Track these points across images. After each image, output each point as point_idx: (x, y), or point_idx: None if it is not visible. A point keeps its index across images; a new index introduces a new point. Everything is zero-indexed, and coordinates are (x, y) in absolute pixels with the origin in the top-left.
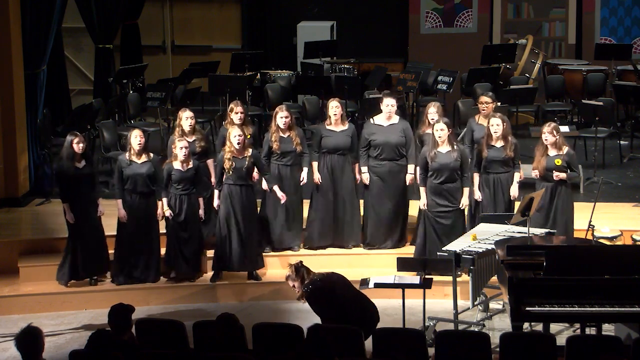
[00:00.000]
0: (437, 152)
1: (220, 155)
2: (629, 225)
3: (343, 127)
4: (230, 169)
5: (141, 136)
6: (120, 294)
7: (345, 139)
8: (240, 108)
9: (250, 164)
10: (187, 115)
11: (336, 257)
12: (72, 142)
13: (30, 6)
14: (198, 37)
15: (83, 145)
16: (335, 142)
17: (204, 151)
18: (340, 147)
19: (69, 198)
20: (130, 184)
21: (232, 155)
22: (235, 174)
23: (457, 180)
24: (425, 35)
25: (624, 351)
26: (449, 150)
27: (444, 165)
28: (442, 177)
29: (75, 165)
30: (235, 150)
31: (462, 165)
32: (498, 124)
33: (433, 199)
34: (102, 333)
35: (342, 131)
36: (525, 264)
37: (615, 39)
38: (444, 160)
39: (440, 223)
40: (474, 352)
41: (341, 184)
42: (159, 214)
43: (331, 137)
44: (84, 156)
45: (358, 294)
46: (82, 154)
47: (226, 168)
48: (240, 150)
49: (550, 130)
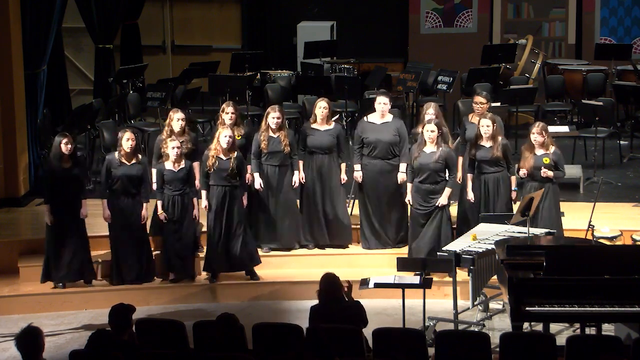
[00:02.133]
0: (421, 151)
1: (205, 154)
2: (629, 225)
3: (328, 126)
4: (213, 167)
5: (132, 139)
6: (120, 294)
7: (329, 138)
8: (232, 108)
9: (235, 165)
10: (178, 116)
11: (336, 257)
12: (60, 142)
13: (30, 6)
14: (198, 37)
15: (71, 147)
16: (319, 141)
17: (191, 153)
18: (323, 146)
19: (51, 199)
20: (119, 185)
21: (217, 154)
22: (217, 174)
23: (440, 182)
24: (425, 35)
25: (624, 351)
26: (433, 151)
27: (424, 165)
28: (422, 176)
29: (63, 166)
30: (221, 150)
31: (448, 168)
32: (488, 124)
33: (416, 197)
34: (102, 333)
35: (326, 130)
36: (525, 264)
37: (615, 39)
38: (425, 161)
39: (422, 221)
40: (474, 352)
41: (328, 183)
42: (143, 216)
43: (314, 136)
44: (72, 157)
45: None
46: (70, 155)
47: (208, 165)
48: (226, 151)
49: (540, 131)
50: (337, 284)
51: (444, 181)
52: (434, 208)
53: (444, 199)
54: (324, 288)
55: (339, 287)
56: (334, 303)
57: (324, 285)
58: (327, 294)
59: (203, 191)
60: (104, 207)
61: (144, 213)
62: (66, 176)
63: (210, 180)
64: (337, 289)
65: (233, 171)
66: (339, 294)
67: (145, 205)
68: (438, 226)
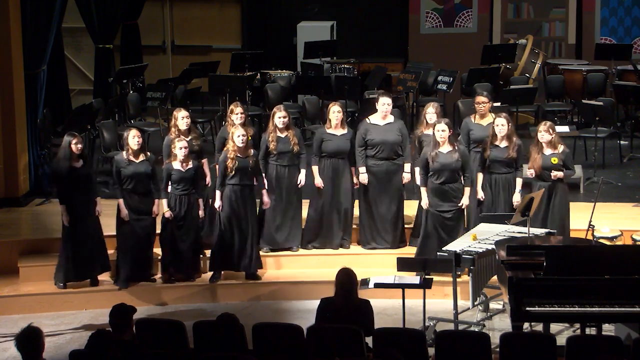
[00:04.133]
0: (438, 152)
1: (223, 155)
2: (629, 225)
3: (343, 130)
4: (234, 169)
5: (139, 136)
6: (121, 293)
7: (346, 142)
8: (240, 109)
9: (254, 163)
10: (182, 115)
11: (336, 257)
12: (70, 142)
13: (30, 6)
14: (198, 37)
15: (81, 146)
16: (336, 146)
17: (200, 150)
18: (341, 151)
19: (66, 199)
20: (130, 184)
21: (236, 154)
22: (238, 174)
23: (458, 181)
24: (425, 35)
25: (624, 351)
26: (450, 150)
27: (445, 166)
28: (443, 177)
29: (73, 166)
30: (238, 150)
31: (464, 166)
32: (503, 124)
33: (435, 198)
34: (102, 333)
35: (343, 135)
36: (525, 264)
37: (615, 39)
38: (445, 161)
39: (444, 222)
40: (474, 352)
41: (341, 188)
42: (154, 212)
43: (332, 141)
44: (82, 156)
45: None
46: (79, 154)
47: (229, 167)
48: (243, 150)
49: (547, 129)
50: (352, 280)
51: (460, 180)
52: (457, 208)
53: (466, 199)
54: (341, 281)
55: (354, 284)
56: (346, 298)
57: (342, 277)
58: (342, 288)
59: (217, 192)
60: (121, 207)
61: (155, 209)
62: (78, 175)
63: (229, 180)
64: (352, 285)
65: (254, 169)
66: (354, 290)
67: (157, 201)
68: (461, 226)
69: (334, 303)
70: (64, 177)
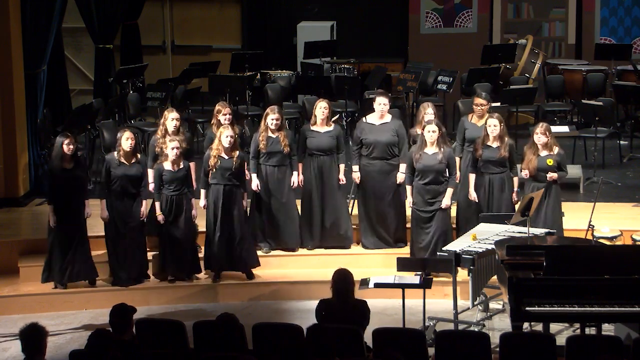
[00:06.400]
0: (422, 153)
1: (207, 154)
2: (629, 225)
3: (328, 128)
4: (215, 167)
5: (132, 138)
6: (121, 294)
7: (329, 140)
8: (228, 109)
9: (238, 164)
10: (173, 116)
11: (336, 257)
12: (62, 143)
13: (30, 6)
14: (198, 37)
15: (73, 147)
16: (318, 143)
17: (186, 152)
18: (323, 148)
19: (54, 200)
20: (119, 185)
21: (219, 154)
22: (220, 173)
23: (443, 182)
24: (425, 35)
25: (624, 351)
26: (435, 152)
27: (428, 167)
28: (426, 178)
29: (64, 167)
30: (223, 149)
31: (449, 168)
32: (495, 124)
33: (419, 197)
34: (102, 333)
35: (326, 132)
36: (525, 264)
37: (615, 39)
38: (428, 162)
39: (426, 222)
40: (474, 352)
41: (328, 185)
42: (142, 213)
43: (314, 138)
44: (74, 158)
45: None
46: (72, 155)
47: (211, 165)
48: (228, 151)
49: (543, 131)
50: (349, 280)
51: (446, 182)
52: (437, 209)
53: (448, 199)
54: (335, 282)
55: (351, 284)
56: (343, 299)
57: (337, 278)
58: (337, 289)
59: (202, 190)
60: (102, 207)
61: (143, 210)
62: (68, 176)
63: (211, 179)
64: (348, 285)
65: (238, 170)
66: (349, 290)
67: (144, 202)
68: (440, 227)
69: (331, 304)
70: (54, 177)
